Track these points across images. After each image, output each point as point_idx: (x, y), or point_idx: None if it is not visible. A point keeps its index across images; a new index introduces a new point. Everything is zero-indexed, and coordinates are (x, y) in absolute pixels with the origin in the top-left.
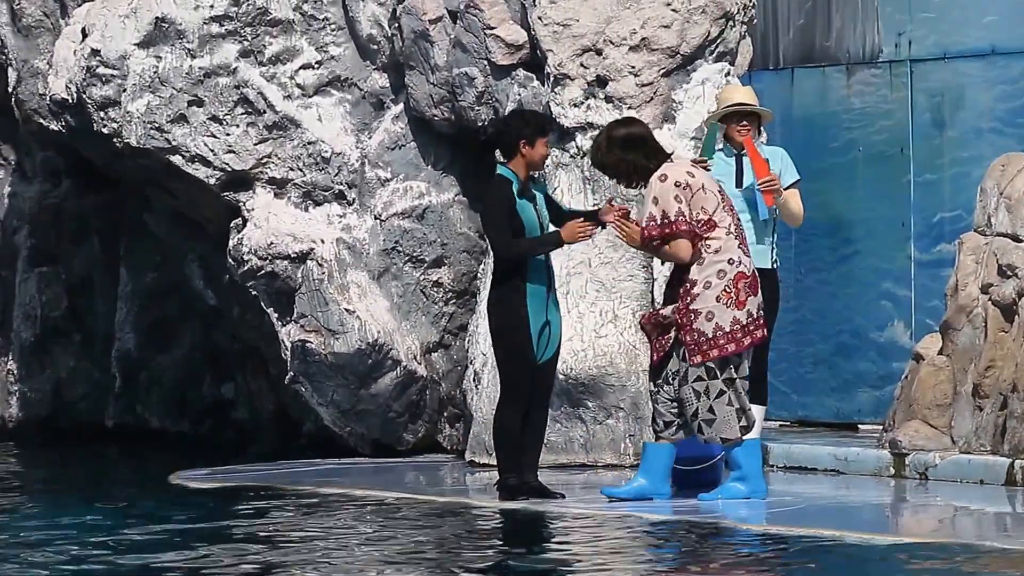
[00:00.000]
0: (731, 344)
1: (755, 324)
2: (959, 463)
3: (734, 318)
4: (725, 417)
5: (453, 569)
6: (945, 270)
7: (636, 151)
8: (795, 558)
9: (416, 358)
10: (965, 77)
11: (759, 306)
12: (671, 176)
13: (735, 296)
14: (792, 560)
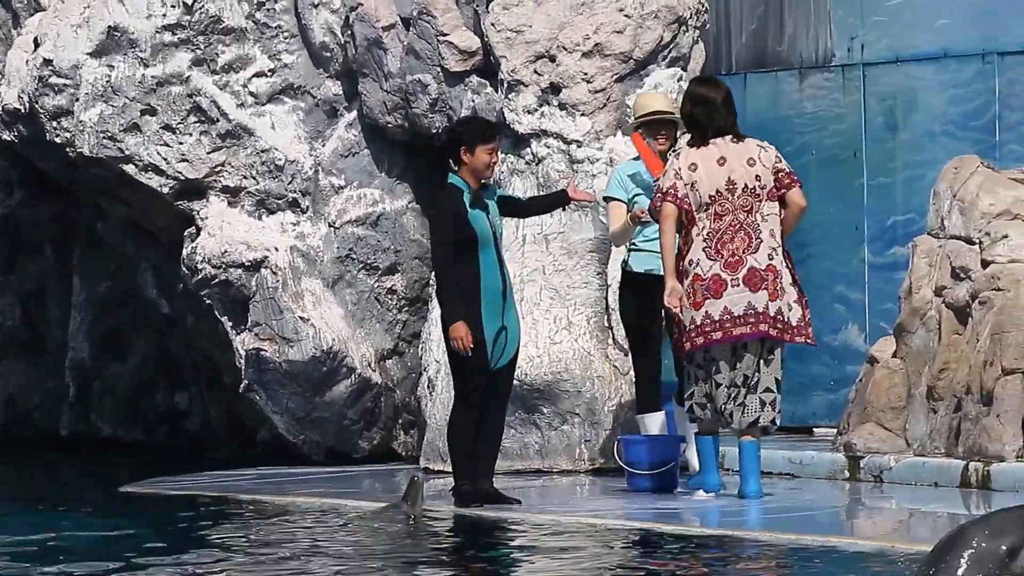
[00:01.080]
0: (687, 343)
1: (715, 326)
2: (914, 466)
3: (691, 318)
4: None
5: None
6: (899, 273)
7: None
8: (753, 562)
9: (371, 365)
10: (917, 80)
11: (724, 308)
12: (681, 159)
13: (692, 297)
14: (750, 564)
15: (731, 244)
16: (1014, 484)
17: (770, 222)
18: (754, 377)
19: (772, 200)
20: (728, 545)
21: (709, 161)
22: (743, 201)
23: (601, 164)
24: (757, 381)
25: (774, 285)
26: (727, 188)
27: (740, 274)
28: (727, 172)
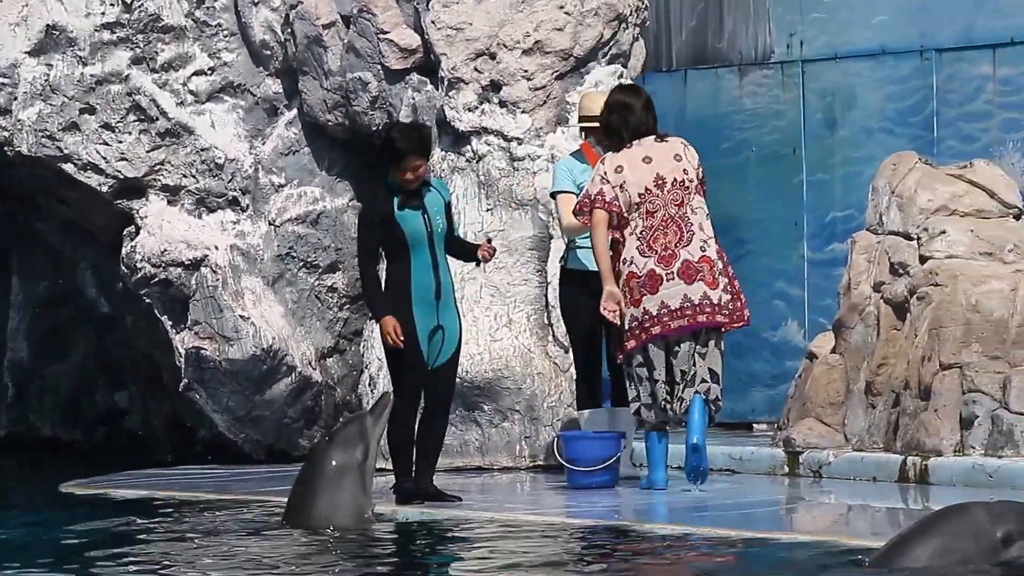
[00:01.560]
0: (631, 340)
1: (653, 321)
2: (852, 460)
3: (631, 315)
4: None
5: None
6: (838, 269)
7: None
8: (693, 557)
9: (311, 363)
10: (856, 77)
11: (661, 303)
12: (607, 164)
13: (629, 295)
14: (690, 559)
15: (663, 239)
16: (951, 478)
17: (699, 215)
18: (691, 371)
19: (700, 193)
20: (668, 541)
21: (635, 161)
22: (673, 196)
23: (542, 161)
24: (694, 374)
25: (711, 275)
26: (656, 185)
27: (674, 267)
28: (654, 169)
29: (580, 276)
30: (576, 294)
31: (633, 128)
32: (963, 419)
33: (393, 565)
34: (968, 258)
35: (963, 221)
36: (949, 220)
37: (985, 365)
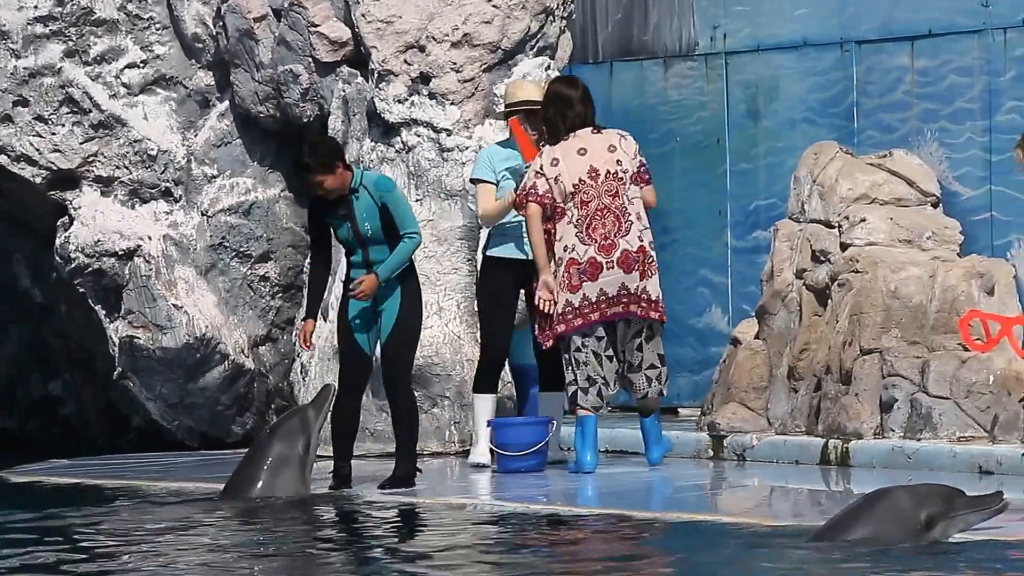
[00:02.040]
0: (561, 324)
1: (591, 307)
2: (775, 444)
3: (567, 300)
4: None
5: (271, 559)
6: (761, 256)
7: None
8: (619, 539)
9: (244, 351)
10: (778, 69)
11: (600, 290)
12: (544, 157)
13: (567, 280)
14: (617, 541)
15: (602, 228)
16: (872, 461)
17: (636, 205)
18: (637, 356)
19: (635, 184)
20: (595, 523)
21: (570, 153)
22: (607, 186)
23: (470, 152)
24: (641, 360)
25: (644, 265)
26: (590, 176)
27: (614, 257)
28: (588, 161)
29: (500, 262)
30: (495, 279)
31: (570, 121)
32: (883, 403)
33: (327, 547)
34: (887, 245)
35: (882, 209)
36: (869, 208)
37: (904, 350)
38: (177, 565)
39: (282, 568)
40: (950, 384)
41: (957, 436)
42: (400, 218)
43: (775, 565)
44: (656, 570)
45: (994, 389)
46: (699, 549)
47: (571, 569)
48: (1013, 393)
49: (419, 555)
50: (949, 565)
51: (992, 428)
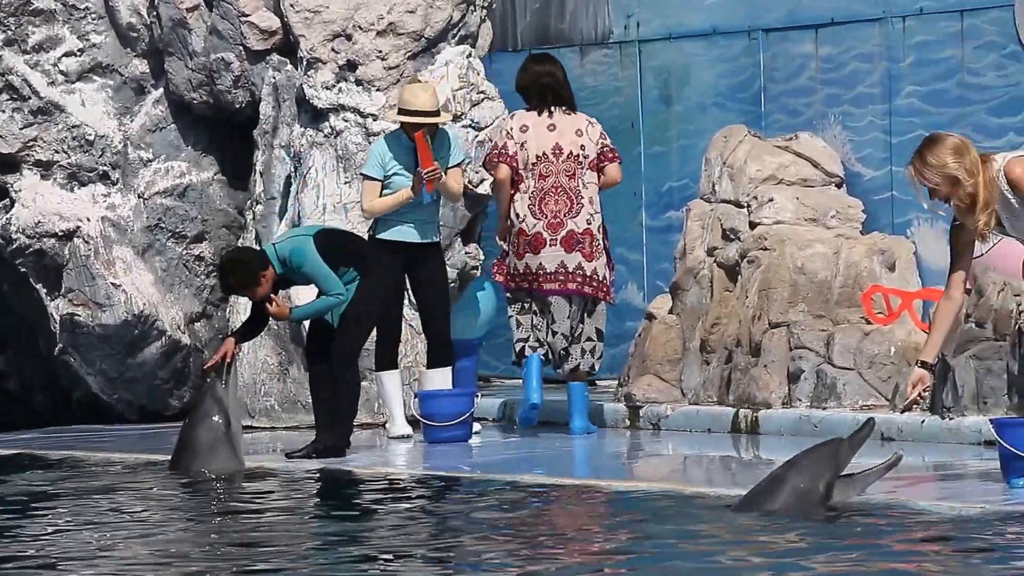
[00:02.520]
0: (509, 280)
1: (532, 278)
2: (688, 414)
3: (513, 265)
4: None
5: (210, 527)
6: (674, 235)
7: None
8: (542, 505)
9: (180, 328)
10: (689, 56)
11: (540, 264)
12: (514, 120)
13: (515, 248)
14: (538, 507)
15: (554, 205)
16: (780, 429)
17: (590, 189)
18: (578, 328)
19: (593, 170)
20: (517, 489)
21: (540, 126)
22: (566, 166)
23: None
24: (580, 332)
25: (590, 248)
26: (553, 152)
27: (559, 235)
28: (555, 138)
29: (389, 246)
30: (384, 264)
31: (558, 95)
32: (790, 374)
33: (260, 514)
34: (794, 224)
35: (789, 190)
36: (776, 189)
37: (810, 324)
38: (115, 529)
39: (211, 532)
40: (854, 356)
41: (860, 405)
42: (319, 283)
43: (708, 531)
44: (589, 534)
45: (895, 360)
46: (620, 515)
47: (509, 534)
48: (912, 364)
49: (347, 522)
50: (874, 531)
51: (893, 397)
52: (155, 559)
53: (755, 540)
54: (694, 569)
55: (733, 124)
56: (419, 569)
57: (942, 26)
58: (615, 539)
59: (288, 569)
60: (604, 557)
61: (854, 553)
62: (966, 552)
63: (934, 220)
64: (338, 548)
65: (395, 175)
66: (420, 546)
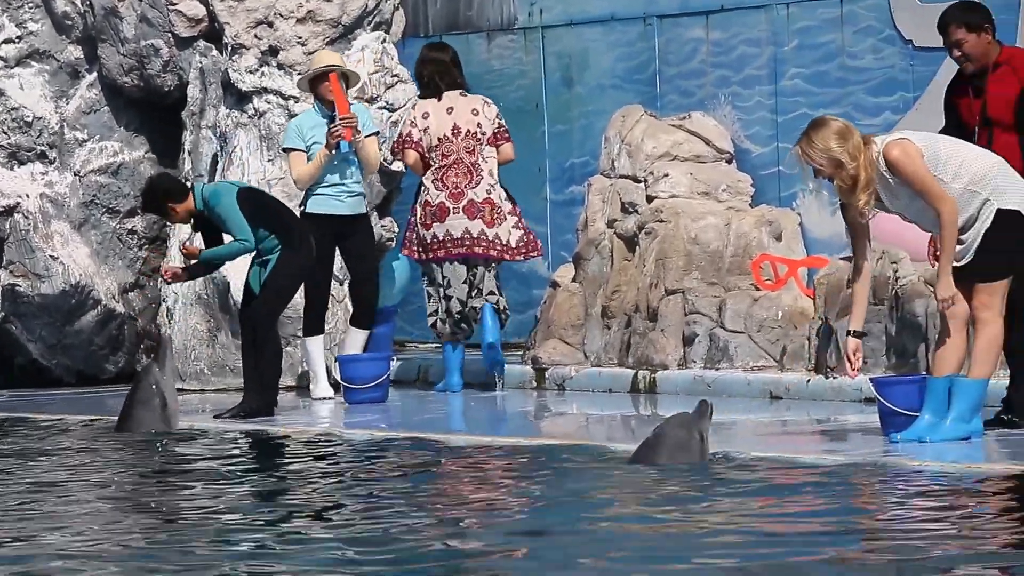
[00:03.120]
0: (417, 253)
1: (439, 245)
2: (591, 375)
3: (422, 236)
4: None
5: (140, 483)
6: (576, 209)
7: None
8: (455, 461)
9: (115, 297)
10: (589, 41)
11: (447, 231)
12: (417, 109)
13: (422, 219)
14: (452, 464)
15: (455, 178)
16: (676, 389)
17: (489, 163)
18: (480, 283)
19: (491, 145)
20: (431, 447)
21: (439, 110)
22: (466, 144)
23: None
24: (482, 286)
25: (491, 215)
26: (452, 133)
27: (461, 204)
28: (453, 120)
29: (316, 219)
30: (316, 235)
31: (448, 81)
32: (685, 337)
33: (191, 473)
34: (688, 197)
35: (683, 165)
36: (671, 164)
37: (703, 290)
38: (41, 484)
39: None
40: (744, 320)
41: (751, 366)
42: (229, 227)
43: (605, 484)
44: (496, 488)
45: (782, 324)
46: (528, 469)
47: (422, 490)
48: (799, 327)
49: (282, 481)
50: (765, 483)
51: (781, 358)
52: (72, 517)
53: (649, 489)
54: (591, 518)
55: (630, 104)
56: (335, 526)
57: (823, 12)
58: (523, 491)
59: (205, 526)
60: (513, 508)
61: (756, 502)
62: (844, 498)
63: (818, 193)
64: (258, 506)
65: (314, 143)
66: (335, 502)
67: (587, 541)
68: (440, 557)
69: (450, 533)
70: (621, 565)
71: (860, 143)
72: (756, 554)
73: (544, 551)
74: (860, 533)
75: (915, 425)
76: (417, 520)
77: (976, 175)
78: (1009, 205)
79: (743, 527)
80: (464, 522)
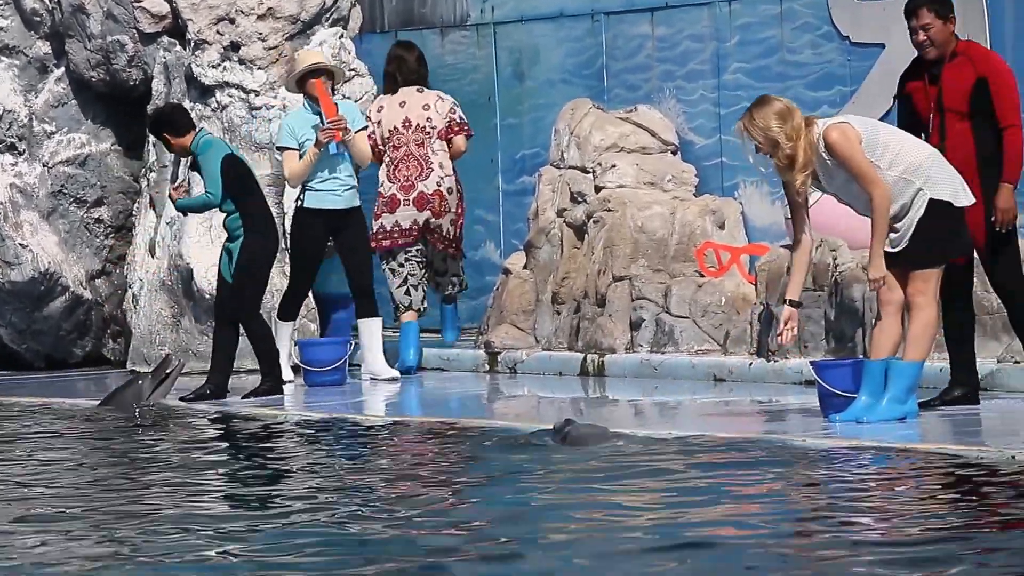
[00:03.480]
0: (374, 243)
1: (386, 234)
2: (542, 359)
3: (377, 224)
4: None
5: (110, 463)
6: (527, 198)
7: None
8: (412, 442)
9: (82, 284)
10: (539, 37)
11: (395, 222)
12: (374, 103)
13: (377, 209)
14: (409, 444)
15: (406, 171)
16: (624, 372)
17: (440, 156)
18: (443, 267)
19: (442, 139)
20: (390, 429)
21: (392, 104)
22: (415, 137)
23: (275, 110)
24: (446, 269)
25: (439, 207)
26: (403, 126)
27: (411, 196)
28: (404, 113)
29: (312, 213)
30: (307, 228)
31: (404, 77)
32: (632, 322)
33: (155, 451)
34: (634, 187)
35: (630, 156)
36: (618, 156)
37: (650, 277)
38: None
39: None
40: (689, 305)
41: (695, 350)
42: (204, 178)
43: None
44: (447, 467)
45: (725, 309)
46: (474, 449)
47: (373, 468)
48: (741, 312)
49: (237, 460)
50: (713, 462)
51: (724, 342)
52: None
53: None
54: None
55: (579, 98)
56: (288, 502)
57: (763, 9)
58: (475, 471)
59: (148, 496)
60: (460, 486)
61: (692, 479)
62: (780, 478)
63: (759, 183)
64: (212, 482)
65: (307, 141)
66: (289, 480)
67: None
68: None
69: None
70: (564, 551)
71: (800, 124)
72: (692, 537)
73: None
74: (794, 512)
75: (852, 406)
76: (362, 498)
77: (911, 165)
78: (940, 195)
79: (676, 503)
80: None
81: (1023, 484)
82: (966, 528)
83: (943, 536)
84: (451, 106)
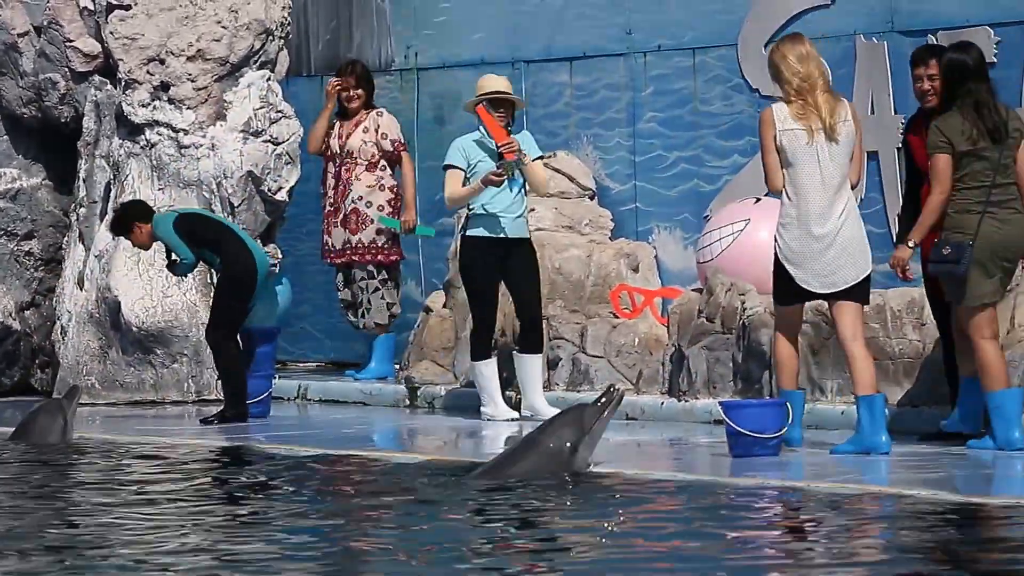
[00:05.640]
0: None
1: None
2: (460, 395)
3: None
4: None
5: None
6: (447, 239)
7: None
8: (333, 475)
9: (12, 315)
10: (461, 83)
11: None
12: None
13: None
14: (328, 475)
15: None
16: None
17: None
18: (370, 287)
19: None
20: (303, 460)
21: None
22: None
23: (204, 149)
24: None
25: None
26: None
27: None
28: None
29: (477, 242)
30: (476, 258)
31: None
32: (550, 361)
33: (84, 481)
34: (553, 231)
35: (549, 201)
36: (538, 200)
37: (567, 317)
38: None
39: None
40: (604, 345)
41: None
42: (171, 248)
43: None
44: (365, 498)
45: (639, 349)
46: (392, 482)
47: (290, 499)
48: (654, 353)
49: (155, 487)
50: (614, 499)
51: (637, 381)
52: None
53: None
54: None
55: None
56: (206, 533)
57: (677, 61)
58: (388, 504)
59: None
60: (376, 520)
61: (592, 517)
62: (695, 512)
63: (672, 228)
64: (126, 514)
65: (479, 163)
66: (205, 511)
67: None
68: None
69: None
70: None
71: (816, 77)
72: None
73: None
74: (696, 550)
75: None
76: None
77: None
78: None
79: (594, 539)
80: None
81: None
82: None
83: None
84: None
